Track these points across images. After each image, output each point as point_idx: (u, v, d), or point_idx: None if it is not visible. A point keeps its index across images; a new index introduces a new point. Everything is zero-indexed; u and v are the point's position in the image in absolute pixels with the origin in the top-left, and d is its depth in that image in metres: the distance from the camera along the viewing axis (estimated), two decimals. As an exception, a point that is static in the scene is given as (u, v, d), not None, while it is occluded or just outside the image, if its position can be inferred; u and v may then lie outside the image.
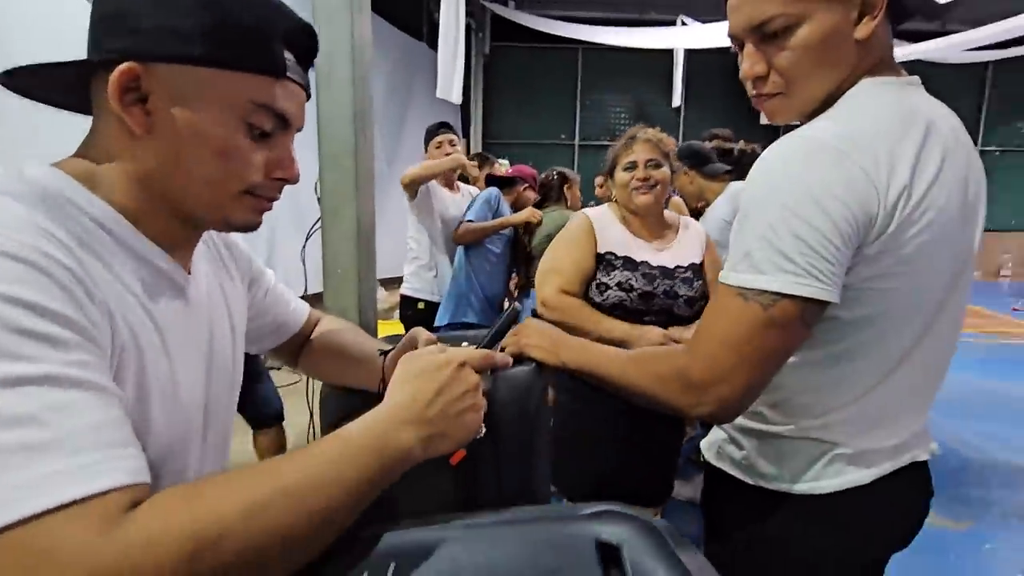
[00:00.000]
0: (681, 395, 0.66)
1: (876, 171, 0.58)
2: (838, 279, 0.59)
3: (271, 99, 0.50)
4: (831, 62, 0.65)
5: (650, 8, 7.45)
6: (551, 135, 8.61)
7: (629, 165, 1.43)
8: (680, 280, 1.40)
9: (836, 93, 0.67)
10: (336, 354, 0.77)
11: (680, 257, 1.45)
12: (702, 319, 0.69)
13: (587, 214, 1.47)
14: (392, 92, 5.98)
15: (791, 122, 0.74)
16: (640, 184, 1.41)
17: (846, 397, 0.68)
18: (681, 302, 1.38)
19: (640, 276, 1.37)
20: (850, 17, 0.63)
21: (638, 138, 1.46)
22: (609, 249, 1.42)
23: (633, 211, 1.44)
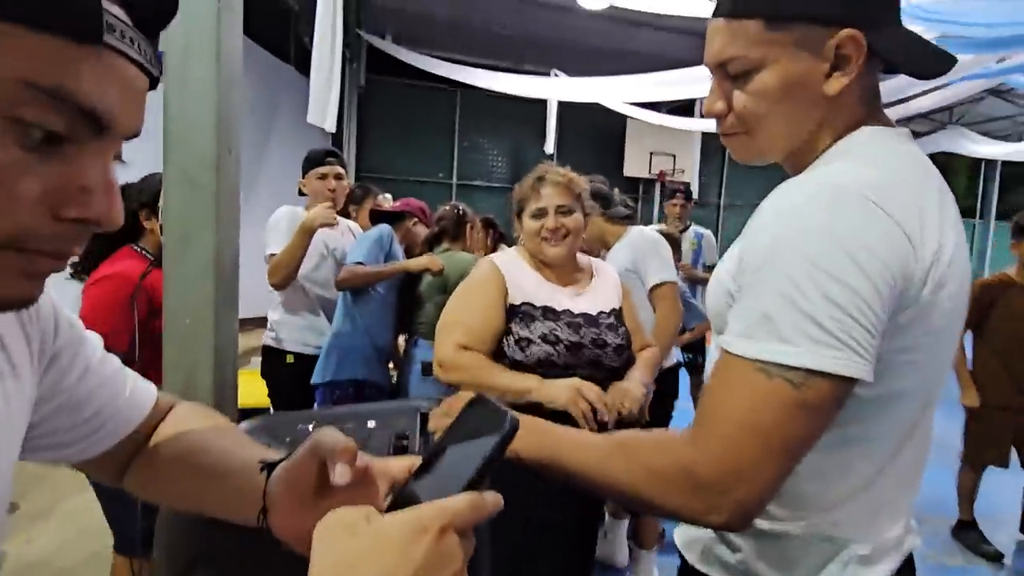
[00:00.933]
0: (687, 499, 0.52)
1: (910, 225, 0.51)
2: (875, 352, 0.50)
3: (67, 79, 0.29)
4: (792, 113, 0.60)
5: (525, 60, 7.82)
6: (429, 173, 8.52)
7: (537, 212, 1.30)
8: (605, 327, 1.29)
9: (812, 143, 0.62)
10: (190, 467, 0.51)
11: (600, 302, 1.34)
12: (705, 394, 0.55)
13: (494, 261, 1.32)
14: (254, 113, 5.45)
15: (752, 163, 0.69)
16: (550, 235, 1.28)
17: (856, 483, 0.58)
18: (610, 351, 1.27)
19: (564, 326, 1.24)
20: (818, 69, 0.58)
21: (547, 179, 1.32)
22: (526, 299, 1.27)
23: (542, 260, 1.32)
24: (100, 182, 0.32)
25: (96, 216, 0.32)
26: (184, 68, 0.94)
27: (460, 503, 0.34)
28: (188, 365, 1.00)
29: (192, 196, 0.99)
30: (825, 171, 0.56)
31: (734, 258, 0.60)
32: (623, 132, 8.81)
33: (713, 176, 9.57)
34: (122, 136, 0.33)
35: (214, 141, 0.98)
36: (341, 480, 0.40)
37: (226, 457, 0.50)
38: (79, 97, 0.29)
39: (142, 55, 0.33)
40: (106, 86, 0.31)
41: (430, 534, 0.32)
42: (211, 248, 1.01)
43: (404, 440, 0.76)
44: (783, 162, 0.66)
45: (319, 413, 0.83)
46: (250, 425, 0.74)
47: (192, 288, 0.99)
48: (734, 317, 0.55)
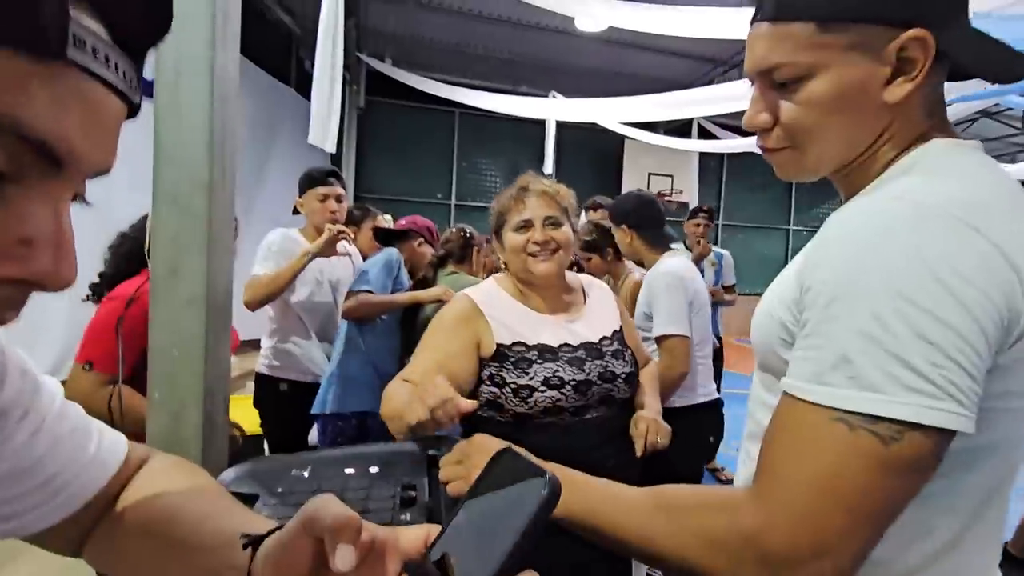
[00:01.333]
0: (750, 572, 0.44)
1: (1010, 247, 0.43)
2: (978, 400, 0.43)
3: (12, 102, 0.23)
4: (848, 125, 0.54)
5: (523, 83, 7.88)
6: (428, 194, 8.51)
7: (522, 224, 1.14)
8: (611, 355, 1.14)
9: (872, 158, 0.55)
10: (157, 539, 0.43)
11: (599, 326, 1.18)
12: (769, 448, 0.47)
13: (469, 295, 1.13)
14: (253, 135, 5.44)
15: (798, 180, 0.63)
16: (538, 249, 1.12)
17: (937, 546, 0.50)
18: (621, 382, 1.12)
19: (566, 364, 1.07)
20: (878, 75, 0.52)
21: (531, 189, 1.16)
22: (516, 338, 1.08)
23: (529, 281, 1.15)
24: (47, 232, 0.25)
25: (38, 275, 0.25)
26: (176, 85, 0.89)
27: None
28: (174, 403, 0.92)
29: (182, 222, 0.92)
30: (899, 188, 0.49)
31: (790, 286, 0.53)
32: (621, 153, 8.84)
33: (711, 197, 9.58)
34: (85, 173, 0.27)
35: (207, 163, 0.92)
36: (344, 566, 0.32)
37: (203, 526, 0.42)
38: (25, 124, 0.23)
39: (119, 77, 0.27)
40: (65, 112, 0.25)
41: None
42: (202, 278, 0.94)
43: (412, 491, 0.68)
44: (835, 179, 0.60)
45: (315, 456, 0.75)
46: (237, 472, 0.66)
47: (180, 321, 0.92)
48: (801, 357, 0.47)
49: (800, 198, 10.25)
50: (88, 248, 2.15)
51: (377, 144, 8.10)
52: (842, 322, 0.44)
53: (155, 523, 0.43)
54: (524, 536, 0.31)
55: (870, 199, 0.49)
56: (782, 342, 0.55)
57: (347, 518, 0.34)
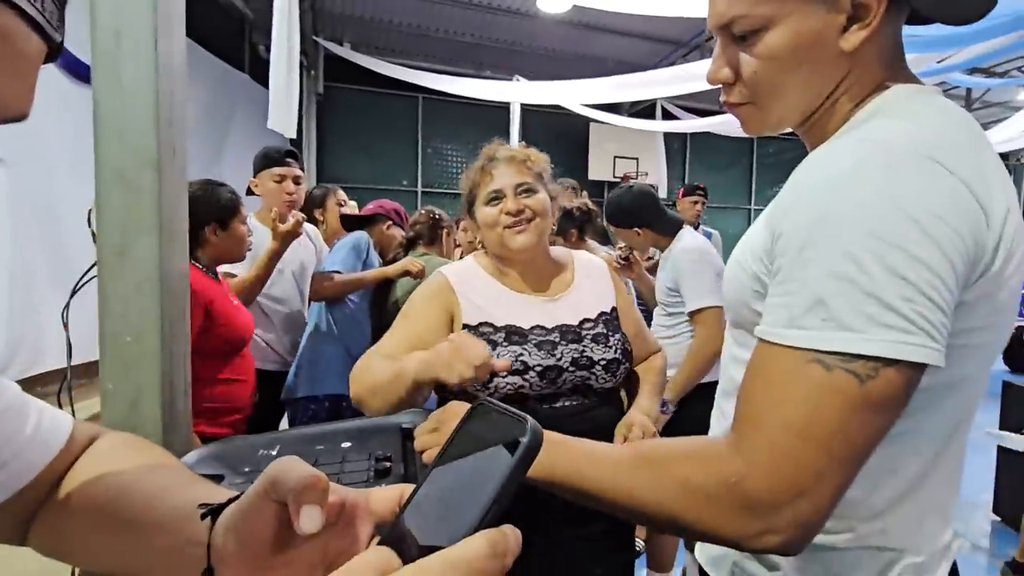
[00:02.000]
0: (734, 519, 0.44)
1: (977, 185, 0.44)
2: (947, 334, 0.43)
3: None
4: (807, 76, 0.54)
5: (487, 66, 7.78)
6: (393, 180, 8.36)
7: (493, 195, 1.06)
8: (590, 339, 1.04)
9: (833, 108, 0.55)
10: (110, 517, 0.40)
11: (584, 307, 1.09)
12: (746, 395, 0.47)
13: (444, 272, 1.09)
14: (208, 123, 5.22)
15: (763, 134, 0.63)
16: (513, 220, 1.04)
17: (904, 484, 0.52)
18: (599, 369, 1.03)
19: (534, 347, 0.99)
20: (834, 23, 0.52)
21: (498, 158, 1.09)
22: (483, 318, 1.02)
23: (507, 257, 1.08)
24: None
25: None
26: (116, 54, 0.83)
27: (475, 551, 0.25)
28: (130, 392, 0.88)
29: (129, 199, 0.87)
30: (865, 131, 0.49)
31: (761, 236, 0.53)
32: (587, 136, 8.85)
33: (676, 178, 9.72)
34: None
35: (154, 137, 0.86)
36: (309, 527, 0.30)
37: (157, 502, 0.39)
38: None
39: (37, 9, 0.24)
40: None
41: None
42: (154, 258, 0.89)
43: (386, 462, 0.66)
44: (799, 131, 0.61)
45: (284, 435, 0.72)
46: (199, 455, 0.63)
47: (132, 305, 0.87)
48: (775, 304, 0.47)
49: (761, 178, 10.49)
50: (29, 236, 2.06)
51: (338, 131, 7.89)
52: (816, 265, 0.44)
53: (105, 502, 0.40)
54: (506, 484, 0.28)
55: (837, 144, 0.50)
56: (755, 294, 0.56)
57: (312, 477, 0.31)
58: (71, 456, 0.44)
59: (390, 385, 0.77)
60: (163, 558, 0.38)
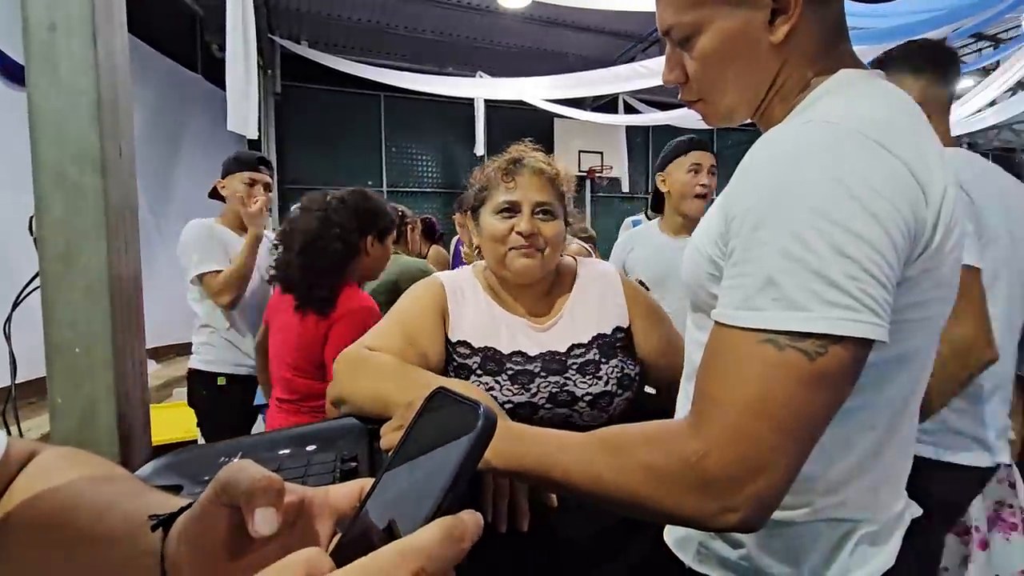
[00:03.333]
0: (694, 499, 0.44)
1: (915, 164, 0.46)
2: (890, 309, 0.45)
3: None
4: (743, 72, 0.57)
5: (449, 63, 7.73)
6: (357, 181, 8.21)
7: (506, 207, 0.94)
8: (576, 370, 0.91)
9: (782, 94, 0.57)
10: (54, 534, 0.38)
11: (578, 329, 0.95)
12: (704, 376, 0.48)
13: (440, 277, 1.00)
14: (159, 125, 5.03)
15: (722, 126, 0.65)
16: (522, 242, 0.92)
17: (859, 458, 0.54)
18: (582, 405, 0.90)
19: (507, 379, 0.88)
20: (757, 20, 0.55)
21: (525, 164, 0.95)
22: (463, 336, 0.92)
23: (502, 277, 0.97)
24: None
25: None
26: (51, 46, 0.78)
27: (430, 538, 0.25)
28: (81, 405, 0.84)
29: (72, 204, 0.83)
30: (811, 113, 0.51)
31: (716, 220, 0.54)
32: (551, 132, 8.90)
33: (639, 172, 9.86)
34: None
35: (96, 134, 0.82)
36: (264, 530, 0.29)
37: (106, 515, 0.37)
38: None
39: None
40: None
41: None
42: (102, 263, 0.85)
43: (353, 463, 0.65)
44: (755, 120, 0.62)
45: (246, 441, 0.70)
46: (155, 466, 0.60)
47: (80, 312, 0.83)
48: (729, 286, 0.48)
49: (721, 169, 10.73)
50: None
51: (298, 131, 7.71)
52: (766, 246, 0.45)
53: (49, 518, 0.38)
54: (460, 471, 0.28)
55: (784, 126, 0.51)
56: (710, 277, 0.57)
57: (265, 479, 0.31)
58: (7, 474, 0.41)
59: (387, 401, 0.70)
60: (115, 572, 0.36)
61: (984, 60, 6.38)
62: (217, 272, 1.89)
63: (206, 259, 1.88)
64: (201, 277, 1.88)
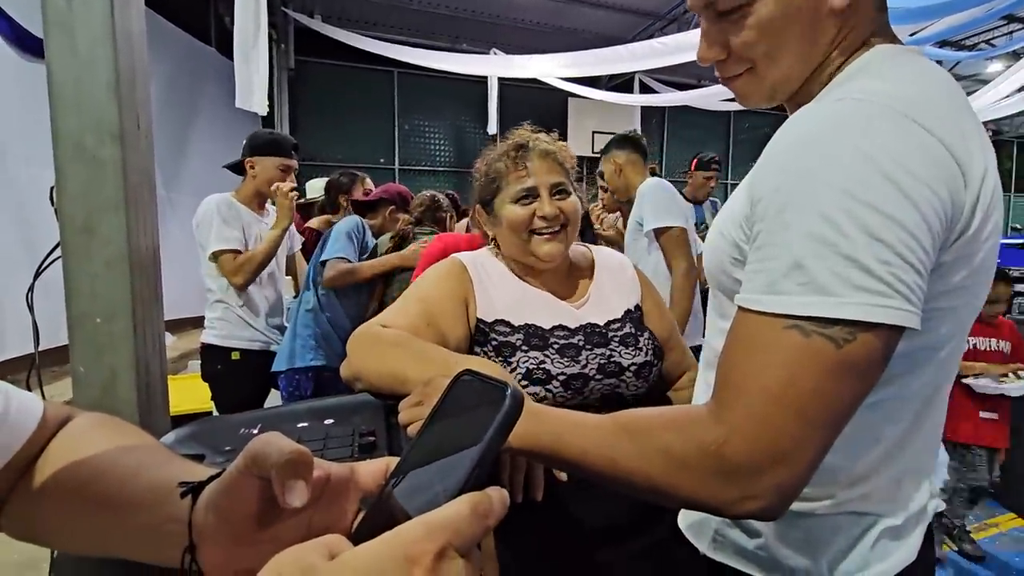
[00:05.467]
0: (714, 486, 0.44)
1: (955, 144, 0.43)
2: (923, 296, 0.43)
3: None
4: (800, 39, 0.53)
5: (463, 39, 7.61)
6: (369, 159, 8.19)
7: (525, 194, 0.94)
8: (618, 342, 0.93)
9: (820, 68, 0.54)
10: (85, 498, 0.39)
11: (610, 306, 0.97)
12: (726, 363, 0.46)
13: (459, 257, 0.98)
14: (172, 99, 5.02)
15: (763, 104, 0.60)
16: (545, 225, 0.92)
17: (884, 450, 0.52)
18: (629, 375, 0.91)
19: (556, 354, 0.88)
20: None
21: (533, 149, 0.96)
22: (498, 316, 0.91)
23: (529, 264, 0.97)
24: None
25: None
26: (69, 14, 0.78)
27: (456, 514, 0.25)
28: (103, 375, 0.85)
29: (92, 176, 0.83)
30: (846, 91, 0.48)
31: (740, 202, 0.53)
32: (565, 112, 8.77)
33: (653, 153, 9.72)
34: None
35: (115, 107, 0.82)
36: (295, 502, 0.30)
37: (134, 481, 0.38)
38: None
39: None
40: None
41: (421, 565, 0.23)
42: (122, 235, 0.85)
43: (371, 437, 0.66)
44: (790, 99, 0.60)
45: (265, 413, 0.71)
46: (178, 435, 0.62)
47: (101, 284, 0.84)
48: (753, 270, 0.47)
49: (737, 153, 10.55)
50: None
51: (311, 107, 7.67)
52: (794, 228, 0.44)
53: (81, 483, 0.39)
54: (486, 450, 0.29)
55: (816, 104, 0.49)
56: (734, 262, 0.55)
57: (297, 452, 0.31)
58: (43, 439, 0.42)
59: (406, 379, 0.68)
60: (143, 537, 0.37)
61: (1016, 43, 6.17)
62: (234, 252, 1.87)
63: (224, 237, 1.86)
64: (217, 255, 1.88)
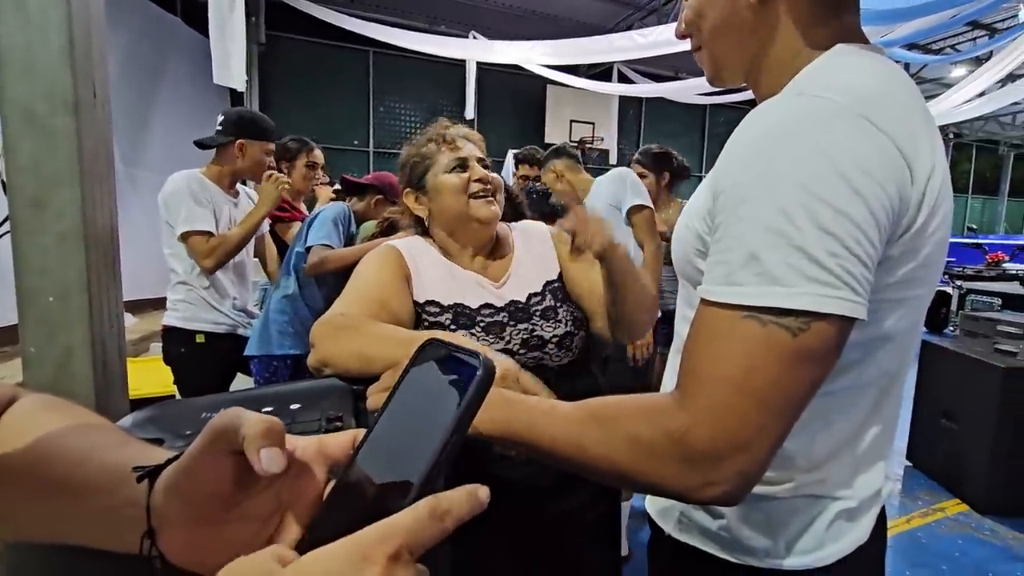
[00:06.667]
0: (678, 472, 0.45)
1: (904, 143, 0.45)
2: (869, 288, 0.45)
3: None
4: (725, 26, 0.59)
5: (441, 20, 7.47)
6: (343, 139, 8.01)
7: (457, 163, 1.02)
8: (539, 315, 1.00)
9: (776, 63, 0.57)
10: (34, 482, 0.37)
11: (530, 280, 1.04)
12: (690, 353, 0.48)
13: (396, 245, 1.04)
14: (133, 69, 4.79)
15: (721, 84, 0.65)
16: (482, 188, 1.01)
17: (841, 436, 0.55)
18: (551, 347, 0.98)
19: (481, 331, 0.95)
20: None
21: (453, 132, 1.07)
22: (429, 296, 0.97)
23: (465, 230, 1.03)
24: None
25: None
26: (17, -25, 0.73)
27: (413, 518, 0.25)
28: (56, 355, 0.82)
29: (42, 146, 0.79)
30: (802, 87, 0.50)
31: (703, 196, 0.54)
32: (543, 100, 8.73)
33: (631, 144, 9.79)
34: None
35: (69, 74, 0.78)
36: (273, 467, 0.29)
37: (87, 463, 0.36)
38: None
39: None
40: None
41: (377, 565, 0.24)
42: (76, 209, 0.82)
43: (338, 422, 0.65)
44: (752, 88, 0.62)
45: (226, 397, 0.69)
46: (135, 418, 0.59)
47: (53, 260, 0.80)
48: (713, 262, 0.48)
49: (712, 146, 10.71)
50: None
51: (283, 84, 7.44)
52: (750, 221, 0.45)
53: (29, 466, 0.37)
54: (462, 417, 0.28)
55: (776, 100, 0.51)
56: (698, 252, 0.57)
57: (267, 420, 0.30)
58: None
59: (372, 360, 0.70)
60: (98, 523, 0.35)
61: (978, 49, 6.39)
62: (205, 234, 1.79)
63: (195, 217, 1.78)
64: (187, 236, 1.78)
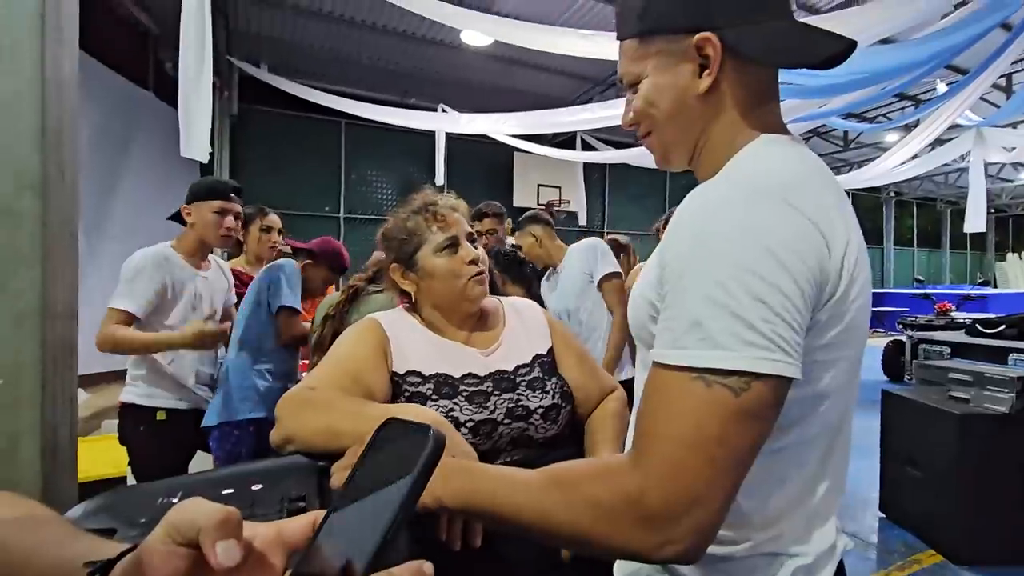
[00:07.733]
0: (637, 533, 0.46)
1: (822, 222, 0.52)
2: (801, 351, 0.50)
3: None
4: (674, 113, 0.64)
5: (411, 94, 7.81)
6: (314, 207, 8.10)
7: (448, 243, 0.99)
8: (525, 386, 0.97)
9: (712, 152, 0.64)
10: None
11: (518, 352, 1.01)
12: (642, 414, 0.51)
13: (376, 317, 1.01)
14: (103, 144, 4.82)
15: (668, 168, 0.72)
16: (477, 270, 0.99)
17: (792, 492, 0.57)
18: (537, 418, 0.94)
19: (465, 401, 0.92)
20: (686, 71, 0.62)
21: (441, 205, 1.03)
22: (410, 367, 0.94)
23: (458, 310, 1.01)
24: None
25: None
26: (-6, 68, 0.76)
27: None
28: (2, 441, 0.78)
29: (5, 227, 0.79)
30: (732, 173, 0.57)
31: (653, 267, 0.59)
32: (511, 165, 9.08)
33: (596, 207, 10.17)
34: None
35: (38, 157, 0.79)
36: (228, 561, 0.29)
37: (33, 561, 0.35)
38: None
39: None
40: None
41: None
42: (36, 293, 0.81)
43: (300, 503, 0.63)
44: (694, 170, 0.68)
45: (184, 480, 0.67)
46: (86, 508, 0.57)
47: (7, 342, 0.78)
48: (662, 328, 0.52)
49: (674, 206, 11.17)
50: None
51: (255, 154, 7.57)
52: (692, 292, 0.50)
53: None
54: (409, 494, 0.29)
55: (711, 183, 0.57)
56: (651, 319, 0.61)
57: (224, 512, 0.30)
58: None
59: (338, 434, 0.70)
60: None
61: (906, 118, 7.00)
62: (124, 313, 1.70)
63: (126, 293, 1.73)
64: (109, 309, 1.70)
